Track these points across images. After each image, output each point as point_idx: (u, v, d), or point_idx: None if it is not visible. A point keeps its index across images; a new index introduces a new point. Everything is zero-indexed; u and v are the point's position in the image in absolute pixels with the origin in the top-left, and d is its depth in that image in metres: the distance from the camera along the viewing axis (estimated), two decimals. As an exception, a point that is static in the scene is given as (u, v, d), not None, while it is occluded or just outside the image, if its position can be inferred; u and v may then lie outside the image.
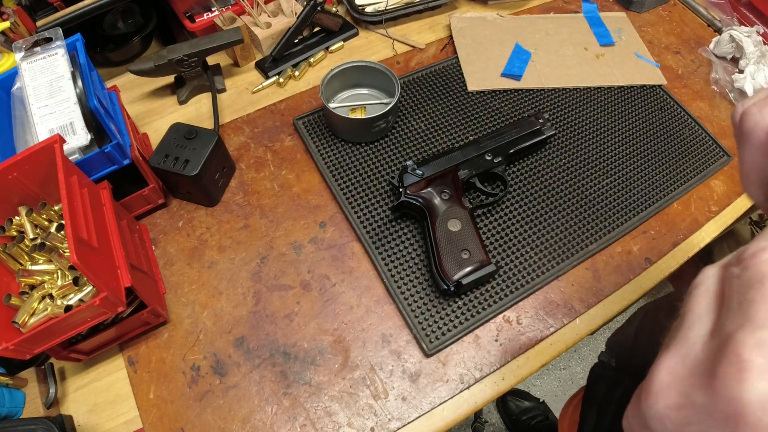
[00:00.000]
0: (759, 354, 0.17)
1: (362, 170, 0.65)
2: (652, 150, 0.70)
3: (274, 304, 0.55)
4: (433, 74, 0.76)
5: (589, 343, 1.41)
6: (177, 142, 0.58)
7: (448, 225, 0.55)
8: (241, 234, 0.60)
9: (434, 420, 0.50)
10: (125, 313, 0.49)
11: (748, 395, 0.17)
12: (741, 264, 0.20)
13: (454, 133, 0.70)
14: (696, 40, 0.85)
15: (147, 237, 0.59)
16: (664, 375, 0.20)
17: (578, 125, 0.72)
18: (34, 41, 0.54)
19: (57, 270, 0.46)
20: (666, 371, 0.20)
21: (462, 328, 0.54)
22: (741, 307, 0.19)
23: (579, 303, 0.57)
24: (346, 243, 0.60)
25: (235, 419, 0.49)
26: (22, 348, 0.40)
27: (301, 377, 0.51)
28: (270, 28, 0.76)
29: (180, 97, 0.72)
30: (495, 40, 0.80)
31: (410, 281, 0.56)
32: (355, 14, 0.81)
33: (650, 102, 0.75)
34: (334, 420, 0.49)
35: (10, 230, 0.47)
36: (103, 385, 0.51)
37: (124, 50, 0.74)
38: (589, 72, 0.77)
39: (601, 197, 0.64)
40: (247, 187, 0.64)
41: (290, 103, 0.72)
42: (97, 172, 0.52)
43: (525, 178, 0.66)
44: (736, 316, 0.19)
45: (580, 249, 0.60)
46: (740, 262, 0.20)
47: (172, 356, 0.52)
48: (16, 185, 0.46)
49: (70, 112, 0.51)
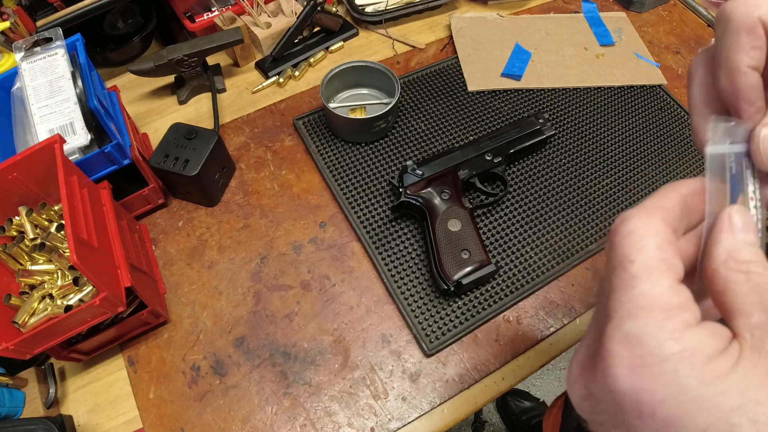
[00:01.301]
0: (624, 348, 0.17)
1: (362, 170, 0.65)
2: (652, 150, 0.70)
3: (274, 304, 0.55)
4: (433, 74, 0.76)
5: (589, 343, 1.41)
6: (177, 142, 0.58)
7: (448, 225, 0.55)
8: (241, 234, 0.60)
9: (434, 420, 0.50)
10: (125, 313, 0.49)
11: (623, 388, 0.17)
12: (608, 240, 0.20)
13: (454, 133, 0.70)
14: (696, 40, 0.85)
15: (147, 237, 0.59)
16: (574, 368, 0.21)
17: (578, 125, 0.72)
18: (34, 41, 0.54)
19: (57, 270, 0.46)
20: (576, 364, 0.21)
21: (462, 328, 0.54)
22: (609, 295, 0.19)
23: (579, 303, 0.57)
24: (346, 243, 0.60)
25: (235, 419, 0.49)
26: (22, 348, 0.40)
27: (301, 377, 0.51)
28: (270, 28, 0.76)
29: (180, 97, 0.72)
30: (495, 40, 0.80)
31: (410, 281, 0.56)
32: (355, 14, 0.81)
33: (650, 102, 0.75)
34: (334, 420, 0.49)
35: (10, 230, 0.47)
36: (103, 385, 0.51)
37: (124, 50, 0.74)
38: (589, 72, 0.77)
39: (601, 197, 0.64)
40: (247, 187, 0.64)
41: (290, 103, 0.72)
42: (97, 172, 0.52)
43: (525, 178, 0.66)
44: (607, 304, 0.19)
45: (580, 249, 0.60)
46: (608, 238, 0.20)
47: (172, 356, 0.52)
48: (16, 185, 0.46)
49: (70, 112, 0.51)
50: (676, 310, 0.17)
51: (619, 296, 0.18)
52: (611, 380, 0.18)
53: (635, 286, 0.18)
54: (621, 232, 0.19)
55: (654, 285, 0.18)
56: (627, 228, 0.19)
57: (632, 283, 0.18)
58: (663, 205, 0.20)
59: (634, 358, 0.17)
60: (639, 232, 0.19)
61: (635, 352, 0.17)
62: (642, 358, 0.17)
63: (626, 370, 0.17)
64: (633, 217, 0.19)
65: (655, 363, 0.17)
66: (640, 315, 0.17)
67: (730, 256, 0.18)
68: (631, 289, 0.18)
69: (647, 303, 0.18)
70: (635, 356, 0.17)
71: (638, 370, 0.17)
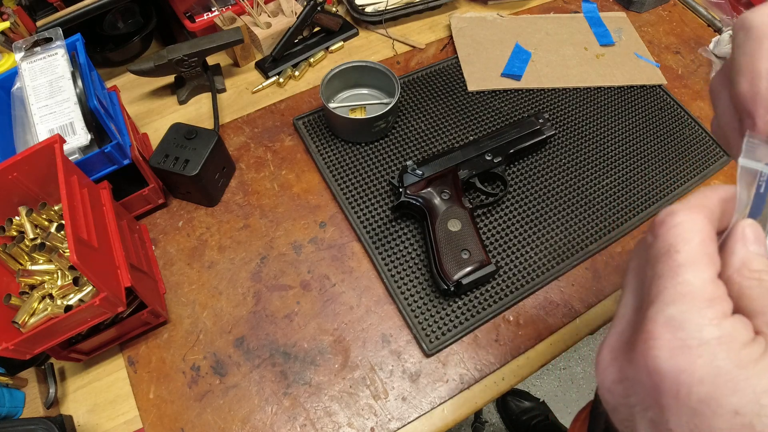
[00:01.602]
0: (666, 331, 0.18)
1: (362, 170, 0.65)
2: (652, 150, 0.70)
3: (274, 304, 0.55)
4: (433, 74, 0.76)
5: (589, 343, 1.41)
6: (177, 142, 0.58)
7: (448, 225, 0.55)
8: (241, 234, 0.60)
9: (434, 420, 0.50)
10: (125, 313, 0.49)
11: (662, 368, 0.18)
12: (653, 232, 0.21)
13: (454, 133, 0.70)
14: (696, 40, 0.85)
15: (147, 237, 0.59)
16: (606, 354, 0.22)
17: (578, 125, 0.72)
18: (34, 41, 0.54)
19: (57, 270, 0.46)
20: (607, 350, 0.22)
21: (462, 328, 0.54)
22: (652, 282, 0.20)
23: (579, 303, 0.57)
24: (346, 243, 0.60)
25: (235, 419, 0.49)
26: (22, 348, 0.40)
27: (301, 377, 0.51)
28: (270, 28, 0.76)
29: (180, 97, 0.72)
30: (495, 40, 0.80)
31: (410, 281, 0.56)
32: (355, 14, 0.81)
33: (650, 102, 0.75)
34: (334, 420, 0.49)
35: (10, 230, 0.47)
36: (103, 385, 0.51)
37: (124, 50, 0.74)
38: (589, 72, 0.77)
39: (601, 197, 0.64)
40: (247, 187, 0.64)
41: (290, 103, 0.72)
42: (97, 172, 0.52)
43: (525, 178, 0.66)
44: (650, 290, 0.20)
45: (580, 249, 0.60)
46: (652, 230, 0.21)
47: (172, 356, 0.52)
48: (16, 185, 0.46)
49: (70, 112, 0.51)
50: (716, 300, 0.19)
51: (664, 282, 0.19)
52: (652, 361, 0.19)
53: (680, 274, 0.19)
54: (668, 223, 0.20)
55: (697, 275, 0.19)
56: (674, 220, 0.20)
57: (677, 271, 0.19)
58: (706, 204, 0.21)
59: (675, 340, 0.18)
60: (685, 225, 0.20)
61: (677, 335, 0.18)
62: (683, 341, 0.18)
63: (667, 351, 0.18)
64: (680, 211, 0.20)
65: (695, 345, 0.18)
66: (684, 301, 0.19)
67: (743, 265, 0.20)
68: (676, 277, 0.19)
69: (690, 291, 0.19)
70: (677, 338, 0.18)
71: (679, 351, 0.18)
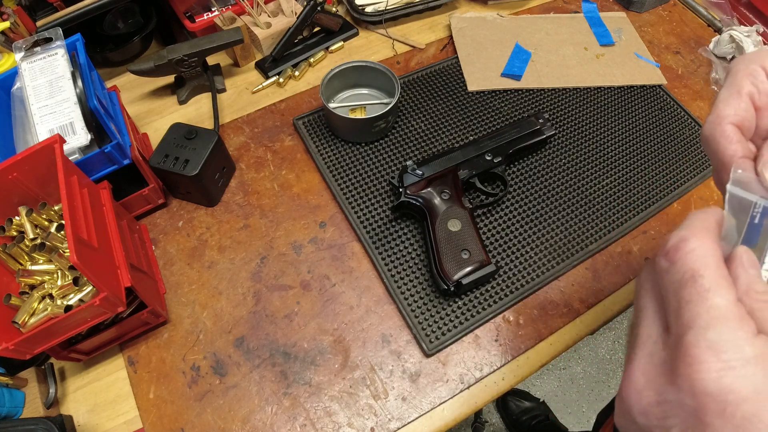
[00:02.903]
0: (711, 355, 0.19)
1: (362, 170, 0.65)
2: (652, 150, 0.70)
3: (274, 304, 0.55)
4: (433, 74, 0.76)
5: (589, 343, 1.41)
6: (177, 142, 0.58)
7: (448, 225, 0.55)
8: (241, 234, 0.60)
9: (434, 420, 0.50)
10: (125, 313, 0.49)
11: (709, 389, 0.19)
12: (667, 257, 0.22)
13: (454, 133, 0.70)
14: (696, 40, 0.85)
15: (147, 237, 0.59)
16: (638, 377, 0.23)
17: (578, 125, 0.72)
18: (34, 41, 0.54)
19: (57, 270, 0.46)
20: (639, 372, 0.23)
21: (462, 328, 0.54)
22: (681, 308, 0.21)
23: (579, 303, 0.57)
24: (346, 243, 0.60)
25: (235, 419, 0.49)
26: (22, 348, 0.40)
27: (301, 377, 0.51)
28: (270, 28, 0.76)
29: (180, 97, 0.72)
30: (495, 40, 0.80)
31: (410, 281, 0.56)
32: (355, 14, 0.81)
33: (650, 102, 0.75)
34: (334, 420, 0.49)
35: (10, 230, 0.47)
36: (103, 385, 0.51)
37: (124, 50, 0.74)
38: (589, 72, 0.77)
39: (601, 197, 0.64)
40: (247, 187, 0.64)
41: (290, 103, 0.72)
42: (97, 172, 0.52)
43: (525, 178, 0.66)
44: (680, 316, 0.21)
45: (580, 249, 0.60)
46: (666, 255, 0.22)
47: (172, 356, 0.52)
48: (16, 185, 0.46)
49: (70, 112, 0.51)
50: (744, 320, 0.20)
51: (696, 308, 0.20)
52: (699, 384, 0.19)
53: (708, 299, 0.20)
54: (683, 249, 0.22)
55: (724, 298, 0.20)
56: (688, 246, 0.22)
57: (706, 296, 0.20)
58: (710, 229, 0.22)
59: (719, 363, 0.19)
60: (700, 251, 0.21)
61: (721, 357, 0.19)
62: (727, 362, 0.19)
63: (715, 373, 0.19)
64: (692, 237, 0.22)
65: (739, 366, 0.19)
66: (719, 324, 0.20)
67: (749, 288, 0.21)
68: (706, 302, 0.20)
69: (722, 314, 0.20)
70: (722, 361, 0.19)
71: (725, 373, 0.19)
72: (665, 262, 0.22)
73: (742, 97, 0.26)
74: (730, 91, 0.26)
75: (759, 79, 0.26)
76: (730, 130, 0.25)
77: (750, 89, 0.26)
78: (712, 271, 0.21)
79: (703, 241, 0.21)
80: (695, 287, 0.21)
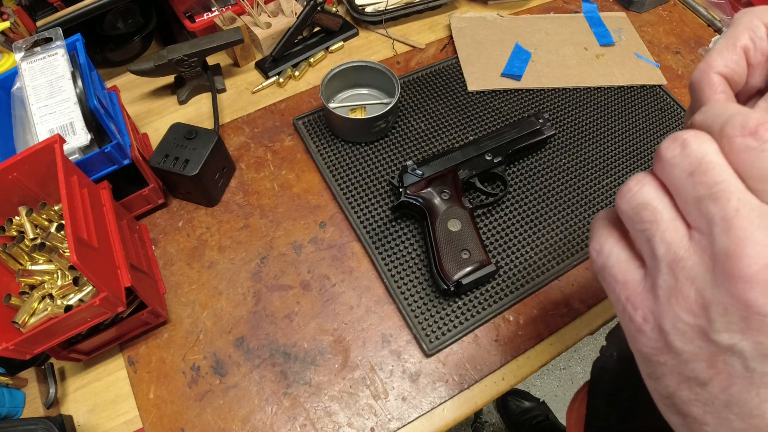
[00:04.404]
0: None
1: (362, 170, 0.65)
2: (652, 150, 0.70)
3: (274, 304, 0.55)
4: (433, 74, 0.76)
5: (589, 343, 1.41)
6: (177, 142, 0.58)
7: (448, 225, 0.55)
8: (241, 234, 0.60)
9: (434, 420, 0.50)
10: (125, 313, 0.49)
11: None
12: (755, 135, 0.19)
13: (454, 133, 0.70)
14: (696, 40, 0.85)
15: (147, 237, 0.59)
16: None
17: (578, 125, 0.72)
18: (34, 41, 0.54)
19: (57, 270, 0.46)
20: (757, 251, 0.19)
21: (462, 328, 0.54)
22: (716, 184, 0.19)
23: (579, 303, 0.57)
24: (346, 243, 0.60)
25: (235, 419, 0.49)
26: (22, 348, 0.40)
27: (301, 377, 0.51)
28: (270, 28, 0.76)
29: (180, 97, 0.72)
30: (495, 40, 0.80)
31: (410, 281, 0.56)
32: (355, 14, 0.81)
33: (650, 102, 0.75)
34: (334, 420, 0.49)
35: (10, 230, 0.47)
36: (103, 385, 0.51)
37: (124, 50, 0.74)
38: (589, 72, 0.77)
39: (601, 197, 0.64)
40: (247, 187, 0.64)
41: (290, 103, 0.72)
42: (97, 172, 0.52)
43: (525, 178, 0.66)
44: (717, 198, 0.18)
45: (580, 249, 0.60)
46: (753, 133, 0.19)
47: (172, 356, 0.52)
48: (16, 185, 0.46)
49: (70, 112, 0.51)
50: None
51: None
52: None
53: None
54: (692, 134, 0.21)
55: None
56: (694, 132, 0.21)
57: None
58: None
59: None
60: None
61: None
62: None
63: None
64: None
65: None
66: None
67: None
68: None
69: None
70: None
71: None
72: (753, 141, 0.19)
73: (736, 50, 0.25)
74: (726, 42, 0.25)
75: (757, 35, 0.25)
76: (717, 80, 0.25)
77: (746, 43, 0.25)
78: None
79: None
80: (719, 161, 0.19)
